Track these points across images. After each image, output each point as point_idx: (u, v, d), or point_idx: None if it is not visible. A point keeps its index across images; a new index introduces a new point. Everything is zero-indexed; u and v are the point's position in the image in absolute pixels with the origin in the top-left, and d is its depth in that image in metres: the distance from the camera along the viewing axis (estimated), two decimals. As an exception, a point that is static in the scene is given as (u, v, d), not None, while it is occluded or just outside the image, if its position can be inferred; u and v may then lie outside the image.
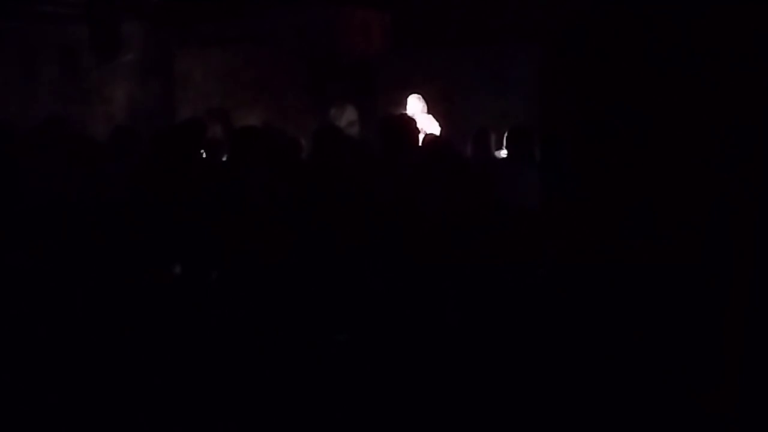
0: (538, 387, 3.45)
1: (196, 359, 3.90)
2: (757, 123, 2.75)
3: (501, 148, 6.19)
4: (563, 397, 3.30)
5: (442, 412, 3.53)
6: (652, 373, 2.94)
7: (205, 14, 10.50)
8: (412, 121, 5.64)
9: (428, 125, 8.23)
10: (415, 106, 8.55)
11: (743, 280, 2.76)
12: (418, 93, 8.67)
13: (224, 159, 5.75)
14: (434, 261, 3.89)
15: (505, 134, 5.78)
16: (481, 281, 3.82)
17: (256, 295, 4.14)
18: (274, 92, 10.41)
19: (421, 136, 5.94)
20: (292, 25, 10.49)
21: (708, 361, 2.84)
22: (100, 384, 3.80)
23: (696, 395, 2.86)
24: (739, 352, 2.78)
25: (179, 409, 3.69)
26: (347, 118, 9.10)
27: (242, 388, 3.77)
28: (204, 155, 5.82)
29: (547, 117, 8.55)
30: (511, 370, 3.56)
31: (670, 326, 2.91)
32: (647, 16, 2.92)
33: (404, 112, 8.28)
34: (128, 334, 4.00)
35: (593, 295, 3.07)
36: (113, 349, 3.95)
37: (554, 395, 3.35)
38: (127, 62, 10.14)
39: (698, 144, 2.86)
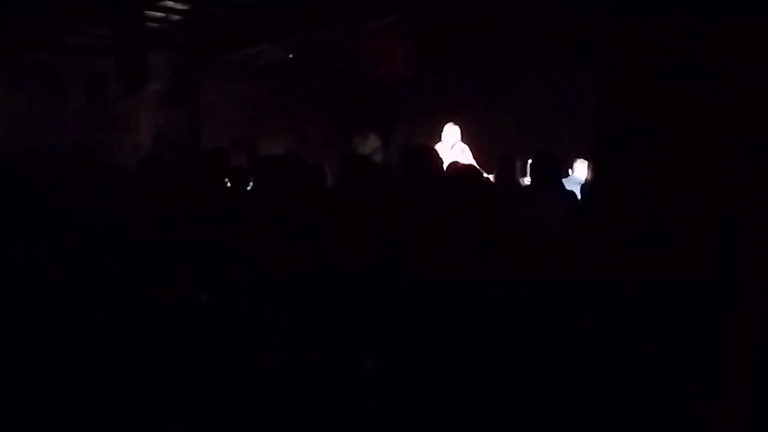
0: (550, 397, 3.44)
1: (214, 386, 3.91)
2: None
3: (526, 175, 6.18)
4: (575, 407, 3.28)
5: (457, 427, 3.53)
6: (664, 384, 2.91)
7: (230, 43, 10.60)
8: (433, 151, 5.65)
9: (462, 155, 8.11)
10: (452, 134, 8.42)
11: (756, 293, 2.73)
12: (452, 120, 8.52)
13: (249, 188, 5.78)
14: (455, 288, 3.88)
15: (529, 161, 5.77)
16: (501, 306, 3.80)
17: (278, 320, 4.14)
18: (299, 120, 10.47)
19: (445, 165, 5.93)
20: (316, 53, 10.56)
21: (719, 372, 2.81)
22: (108, 392, 3.82)
23: (707, 406, 2.83)
24: (750, 364, 2.75)
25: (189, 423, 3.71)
26: (371, 145, 9.11)
27: (259, 411, 3.77)
28: (229, 184, 5.85)
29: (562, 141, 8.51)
30: (526, 387, 3.55)
31: (682, 338, 2.89)
32: (674, 33, 2.89)
33: (441, 141, 8.23)
34: (146, 352, 4.03)
35: (606, 308, 3.05)
36: (127, 360, 3.98)
37: (566, 405, 3.34)
38: (153, 92, 10.24)
39: (716, 159, 2.82)
